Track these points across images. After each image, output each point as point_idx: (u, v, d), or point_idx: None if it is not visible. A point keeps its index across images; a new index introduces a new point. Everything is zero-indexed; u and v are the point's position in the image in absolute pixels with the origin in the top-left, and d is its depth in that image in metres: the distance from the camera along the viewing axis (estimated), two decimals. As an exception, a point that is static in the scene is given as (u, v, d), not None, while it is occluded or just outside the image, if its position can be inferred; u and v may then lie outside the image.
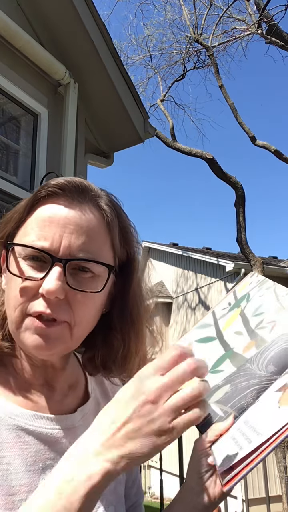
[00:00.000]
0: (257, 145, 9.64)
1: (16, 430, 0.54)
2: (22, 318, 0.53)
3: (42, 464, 0.55)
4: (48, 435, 0.57)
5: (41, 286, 0.52)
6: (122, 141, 3.70)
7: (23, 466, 0.53)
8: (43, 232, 0.53)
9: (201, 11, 10.13)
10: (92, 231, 0.55)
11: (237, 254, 13.24)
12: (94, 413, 0.64)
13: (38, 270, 0.53)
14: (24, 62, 2.85)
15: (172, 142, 10.09)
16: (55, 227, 0.53)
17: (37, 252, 0.53)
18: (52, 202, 0.56)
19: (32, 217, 0.56)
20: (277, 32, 8.30)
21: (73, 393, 0.65)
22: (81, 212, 0.55)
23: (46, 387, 0.61)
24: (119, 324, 0.63)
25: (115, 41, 11.45)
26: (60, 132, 3.04)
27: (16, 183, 2.75)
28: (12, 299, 0.54)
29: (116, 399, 0.45)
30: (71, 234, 0.53)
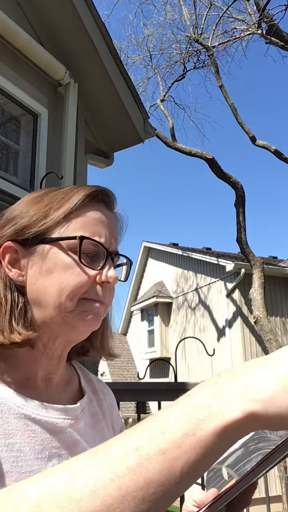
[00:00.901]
0: (257, 145, 9.64)
1: (24, 418, 0.57)
2: (77, 303, 0.60)
3: (48, 452, 0.57)
4: (54, 424, 0.59)
5: (96, 276, 0.61)
6: (122, 141, 3.70)
7: (32, 453, 0.55)
8: (97, 229, 0.62)
9: (201, 11, 10.14)
10: (117, 233, 0.68)
11: (237, 254, 13.23)
12: (89, 409, 0.68)
13: (91, 261, 0.62)
14: (24, 62, 2.85)
15: (172, 142, 10.09)
16: (105, 228, 0.63)
17: (97, 247, 0.62)
18: (96, 207, 0.64)
19: (82, 217, 0.62)
20: (277, 32, 8.30)
21: (69, 389, 0.69)
22: (114, 217, 0.67)
23: (46, 381, 0.64)
24: None
25: (115, 41, 11.45)
26: (60, 132, 3.04)
27: (16, 183, 2.75)
28: (70, 286, 0.59)
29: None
30: (112, 234, 0.65)
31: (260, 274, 8.45)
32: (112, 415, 0.74)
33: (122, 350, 16.85)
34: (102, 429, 0.69)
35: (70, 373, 0.72)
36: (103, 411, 0.72)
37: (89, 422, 0.67)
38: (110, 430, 0.72)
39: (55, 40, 3.10)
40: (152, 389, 2.46)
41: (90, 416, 0.68)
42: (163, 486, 0.34)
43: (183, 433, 0.35)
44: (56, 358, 0.65)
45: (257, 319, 8.10)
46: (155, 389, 2.46)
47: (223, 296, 11.17)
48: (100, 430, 0.69)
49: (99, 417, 0.70)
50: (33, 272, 0.61)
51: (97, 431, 0.68)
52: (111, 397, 0.77)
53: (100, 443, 0.65)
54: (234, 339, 10.51)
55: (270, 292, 10.60)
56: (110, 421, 0.73)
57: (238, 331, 10.40)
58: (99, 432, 0.68)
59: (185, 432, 0.35)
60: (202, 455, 0.35)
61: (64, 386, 0.68)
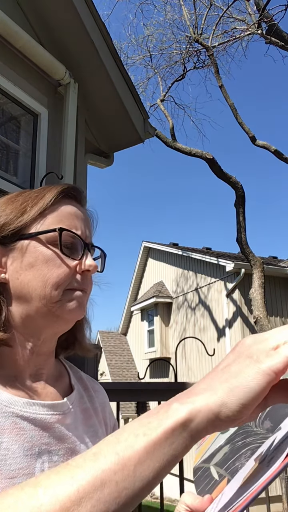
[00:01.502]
0: (257, 145, 9.64)
1: (12, 416, 0.57)
2: (62, 293, 0.63)
3: (38, 449, 0.58)
4: (42, 420, 0.60)
5: (77, 265, 0.64)
6: (122, 141, 3.70)
7: (20, 451, 0.56)
8: (73, 223, 0.66)
9: (201, 11, 10.14)
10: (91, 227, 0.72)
11: (237, 254, 13.23)
12: (79, 405, 0.69)
13: (71, 252, 0.65)
14: (24, 62, 2.85)
15: (172, 142, 10.09)
16: (79, 221, 0.67)
17: (75, 238, 0.65)
18: (69, 202, 0.68)
19: (58, 211, 0.65)
20: (277, 32, 8.30)
21: (59, 384, 0.70)
22: (86, 212, 0.71)
23: (36, 376, 0.66)
24: None
25: (115, 41, 11.45)
26: (60, 132, 3.04)
27: (16, 183, 2.75)
28: (53, 278, 0.62)
29: None
30: (86, 227, 0.68)
31: (260, 274, 8.45)
32: (104, 411, 0.75)
33: (122, 350, 16.85)
34: (94, 425, 0.70)
35: (60, 369, 0.73)
36: (94, 407, 0.73)
37: (80, 417, 0.68)
38: (102, 426, 0.73)
39: (55, 40, 3.10)
40: (152, 389, 2.46)
41: (81, 412, 0.69)
42: (118, 486, 0.37)
43: (135, 434, 0.39)
44: (44, 354, 0.66)
45: (257, 319, 8.10)
46: (155, 389, 2.46)
47: (223, 296, 11.17)
48: (92, 425, 0.70)
49: (91, 412, 0.71)
50: (14, 268, 0.63)
51: (88, 426, 0.69)
52: (102, 394, 0.78)
53: (92, 438, 0.65)
54: (234, 339, 10.51)
55: (270, 292, 10.60)
56: (102, 417, 0.74)
57: (238, 331, 10.40)
58: (91, 428, 0.69)
59: (137, 433, 0.39)
60: (154, 454, 0.38)
61: (54, 382, 0.69)
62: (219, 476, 0.54)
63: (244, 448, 0.52)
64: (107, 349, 16.50)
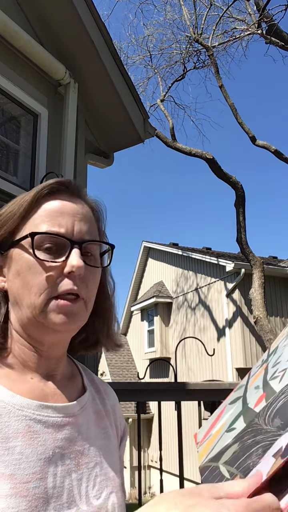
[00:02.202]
0: (257, 145, 9.64)
1: (26, 420, 0.57)
2: (46, 302, 0.59)
3: (52, 452, 0.58)
4: (55, 423, 0.60)
5: (63, 268, 0.59)
6: (122, 141, 3.70)
7: (34, 455, 0.56)
8: (56, 221, 0.61)
9: (201, 11, 10.14)
10: (91, 220, 0.66)
11: (237, 254, 13.23)
12: (92, 406, 0.69)
13: (55, 255, 0.60)
14: (24, 62, 2.85)
15: (172, 142, 10.09)
16: (66, 216, 0.62)
17: (55, 238, 0.60)
18: (55, 197, 0.63)
19: (39, 211, 0.62)
20: (277, 32, 8.30)
21: (72, 384, 0.69)
22: (81, 204, 0.65)
23: (49, 377, 0.65)
24: (101, 304, 0.71)
25: (115, 41, 11.46)
26: (60, 132, 3.04)
27: (16, 183, 2.75)
28: (35, 285, 0.59)
29: None
30: (80, 221, 0.62)
31: (260, 274, 8.45)
32: (115, 414, 0.75)
33: (122, 350, 16.85)
34: (106, 426, 0.70)
35: (72, 370, 0.73)
36: (106, 409, 0.73)
37: (92, 419, 0.68)
38: (113, 428, 0.72)
39: (55, 40, 3.10)
40: (152, 389, 2.46)
41: (94, 413, 0.69)
42: None
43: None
44: (55, 358, 0.65)
45: (257, 319, 8.10)
46: (155, 389, 2.46)
47: (223, 296, 11.17)
48: (104, 427, 0.69)
49: (103, 414, 0.71)
50: (10, 276, 0.63)
51: (100, 428, 0.68)
52: (113, 397, 0.78)
53: (104, 440, 0.65)
54: (234, 339, 10.51)
55: (270, 292, 10.60)
56: (113, 419, 0.74)
57: (238, 331, 10.40)
58: (103, 429, 0.69)
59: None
60: None
61: (67, 382, 0.68)
62: (230, 474, 0.53)
63: (254, 446, 0.52)
64: (107, 349, 16.47)
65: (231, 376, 10.38)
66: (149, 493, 12.76)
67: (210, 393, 2.45)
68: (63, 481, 0.57)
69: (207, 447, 0.62)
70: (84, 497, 0.59)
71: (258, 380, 0.62)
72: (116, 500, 0.63)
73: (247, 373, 0.70)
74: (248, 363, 10.16)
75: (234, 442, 0.56)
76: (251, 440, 0.53)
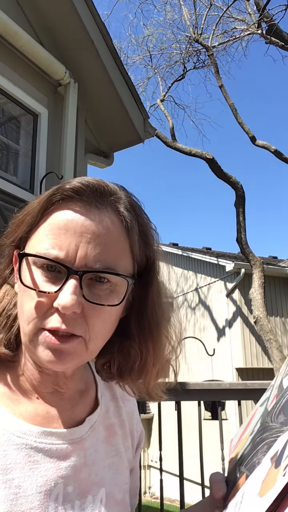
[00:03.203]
0: (257, 145, 9.64)
1: (25, 449, 0.52)
2: (36, 331, 0.51)
3: (54, 483, 0.52)
4: (58, 451, 0.54)
5: (56, 299, 0.49)
6: (122, 141, 3.70)
7: (33, 488, 0.51)
8: (58, 240, 0.50)
9: (201, 11, 10.14)
10: (110, 239, 0.52)
11: (237, 254, 13.23)
12: (103, 421, 0.63)
13: (53, 281, 0.50)
14: (24, 62, 2.85)
15: (172, 142, 10.09)
16: (71, 236, 0.50)
17: (50, 263, 0.50)
18: (68, 207, 0.52)
19: (46, 222, 0.52)
20: (277, 32, 8.30)
21: (84, 400, 0.62)
22: (99, 218, 0.52)
23: (56, 395, 0.58)
24: (137, 332, 0.60)
25: (115, 41, 11.46)
26: (60, 132, 3.04)
27: (16, 183, 2.75)
28: (25, 312, 0.51)
29: None
30: (87, 243, 0.50)
31: (260, 274, 8.45)
32: (131, 422, 0.69)
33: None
34: (117, 443, 0.64)
35: (87, 381, 0.65)
36: (121, 420, 0.67)
37: (102, 435, 0.62)
38: (128, 439, 0.67)
39: (55, 40, 3.10)
40: (152, 389, 2.45)
41: (105, 429, 0.63)
42: None
43: None
44: (62, 376, 0.58)
45: (257, 319, 8.10)
46: (155, 389, 2.45)
47: (223, 296, 11.17)
48: (115, 443, 0.63)
49: (115, 429, 0.65)
50: (17, 287, 0.56)
51: (111, 445, 0.63)
52: (132, 402, 0.71)
53: (114, 458, 0.61)
54: (234, 339, 10.51)
55: (270, 292, 10.60)
56: (129, 429, 0.68)
57: (238, 331, 10.40)
58: (113, 446, 0.63)
59: None
60: None
61: (79, 398, 0.62)
62: (239, 473, 0.53)
63: (261, 443, 0.52)
64: (107, 349, 16.48)
65: (231, 376, 10.38)
66: (149, 493, 12.75)
67: (210, 393, 2.45)
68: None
69: (238, 452, 0.62)
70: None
71: (278, 379, 0.62)
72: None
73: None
74: (248, 363, 10.16)
75: (249, 443, 0.56)
76: (259, 438, 0.53)
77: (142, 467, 9.79)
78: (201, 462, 2.33)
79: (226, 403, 8.15)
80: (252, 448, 0.54)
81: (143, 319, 0.59)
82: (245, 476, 0.51)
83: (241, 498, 0.48)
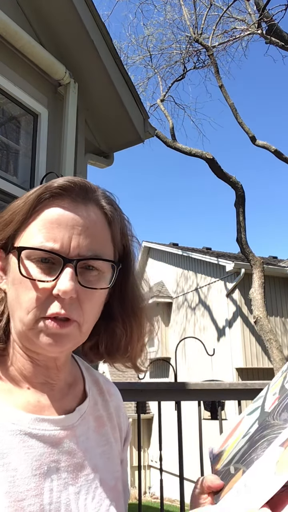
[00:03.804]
0: (257, 145, 9.64)
1: (20, 434, 0.55)
2: (35, 320, 0.55)
3: (47, 467, 0.56)
4: (51, 436, 0.58)
5: (53, 287, 0.54)
6: (122, 141, 3.70)
7: (29, 470, 0.54)
8: (52, 234, 0.55)
9: (201, 11, 10.14)
10: (97, 230, 0.58)
11: (237, 254, 13.23)
12: (93, 412, 0.66)
13: (47, 272, 0.55)
14: (24, 62, 2.85)
15: (172, 142, 10.09)
16: (63, 229, 0.56)
17: (47, 254, 0.55)
18: (56, 204, 0.57)
19: (38, 219, 0.57)
20: (277, 32, 8.30)
21: (73, 391, 0.66)
22: (86, 213, 0.58)
23: (47, 386, 0.62)
24: (120, 313, 0.67)
25: (115, 41, 11.46)
26: (60, 132, 3.04)
27: (16, 183, 2.75)
28: (24, 302, 0.55)
29: None
30: (79, 235, 0.56)
31: (260, 274, 8.45)
32: (118, 416, 0.73)
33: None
34: (107, 433, 0.68)
35: (75, 374, 0.69)
36: (109, 413, 0.70)
37: (92, 426, 0.65)
38: (116, 431, 0.70)
39: (55, 40, 3.10)
40: (152, 389, 2.45)
41: (94, 420, 0.66)
42: None
43: None
44: (53, 368, 0.62)
45: (257, 319, 8.10)
46: (155, 389, 2.46)
47: (223, 296, 11.17)
48: (104, 434, 0.67)
49: (104, 420, 0.68)
50: (9, 281, 0.59)
51: (101, 435, 0.66)
52: (118, 397, 0.75)
53: (104, 447, 0.64)
54: (234, 339, 10.51)
55: (270, 292, 10.60)
56: (116, 422, 0.71)
57: (238, 331, 10.40)
58: (103, 436, 0.67)
59: None
60: None
61: (68, 390, 0.66)
62: (235, 469, 0.54)
63: (260, 440, 0.52)
64: (107, 349, 16.48)
65: (231, 376, 10.38)
66: (149, 493, 12.75)
67: (210, 393, 2.45)
68: (59, 496, 0.55)
69: (225, 456, 0.62)
70: (83, 510, 0.57)
71: (276, 387, 0.62)
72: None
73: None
74: (248, 363, 10.16)
75: (246, 442, 0.57)
76: (258, 436, 0.54)
77: (142, 467, 9.79)
78: (201, 462, 2.33)
79: (226, 403, 8.15)
80: (249, 446, 0.54)
81: (125, 301, 0.67)
82: (242, 472, 0.51)
83: (244, 486, 0.49)
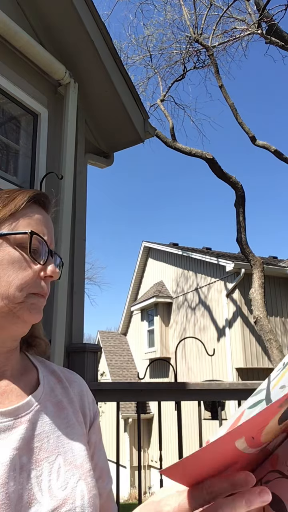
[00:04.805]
0: (257, 145, 9.64)
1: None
2: (25, 295, 0.65)
3: (9, 456, 0.59)
4: (6, 427, 0.61)
5: (41, 270, 0.67)
6: (122, 141, 3.70)
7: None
8: (41, 229, 0.69)
9: (201, 11, 10.14)
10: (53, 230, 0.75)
11: (237, 254, 13.24)
12: (50, 399, 0.71)
13: (37, 257, 0.67)
14: (24, 62, 2.85)
15: (172, 142, 10.09)
16: (46, 228, 0.70)
17: (40, 243, 0.68)
18: (39, 208, 0.71)
19: (29, 215, 0.69)
20: (277, 32, 8.30)
21: (25, 380, 0.71)
22: (49, 217, 0.74)
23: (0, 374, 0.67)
24: None
25: (115, 41, 11.46)
26: (60, 132, 3.04)
27: (16, 183, 2.75)
28: (18, 279, 0.65)
29: None
30: (50, 233, 0.71)
31: (260, 274, 8.45)
32: (82, 401, 0.76)
33: (122, 350, 16.86)
34: (68, 416, 0.71)
35: (26, 365, 0.74)
36: (69, 398, 0.74)
37: (51, 411, 0.69)
38: (79, 415, 0.73)
39: (55, 40, 3.10)
40: (152, 389, 2.46)
41: (53, 405, 0.70)
42: None
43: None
44: (2, 353, 0.68)
45: (257, 319, 8.10)
46: (155, 389, 2.46)
47: (223, 296, 11.17)
48: (65, 417, 0.70)
49: (64, 404, 0.72)
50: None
51: (61, 419, 0.70)
52: (80, 384, 0.79)
53: (67, 429, 0.70)
54: (234, 339, 10.51)
55: (270, 292, 10.61)
56: (79, 407, 0.75)
57: (238, 331, 10.40)
58: (64, 419, 0.70)
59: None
60: None
61: (19, 377, 0.70)
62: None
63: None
64: (107, 349, 16.50)
65: (231, 376, 10.38)
66: (149, 493, 12.76)
67: (210, 393, 2.45)
68: (22, 482, 0.58)
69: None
70: (47, 491, 0.59)
71: (283, 379, 0.62)
72: (85, 487, 0.63)
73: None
74: (248, 363, 10.16)
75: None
76: None
77: (142, 467, 9.77)
78: (201, 462, 2.33)
79: (226, 403, 8.15)
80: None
81: None
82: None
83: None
